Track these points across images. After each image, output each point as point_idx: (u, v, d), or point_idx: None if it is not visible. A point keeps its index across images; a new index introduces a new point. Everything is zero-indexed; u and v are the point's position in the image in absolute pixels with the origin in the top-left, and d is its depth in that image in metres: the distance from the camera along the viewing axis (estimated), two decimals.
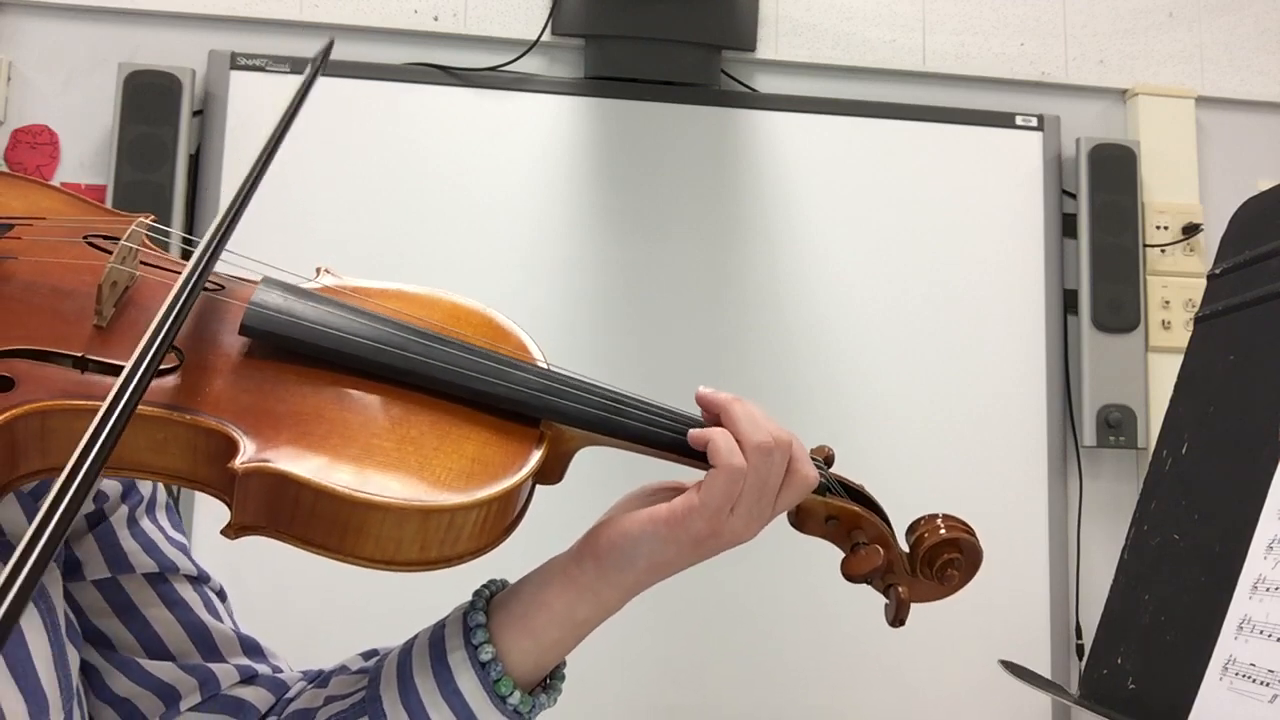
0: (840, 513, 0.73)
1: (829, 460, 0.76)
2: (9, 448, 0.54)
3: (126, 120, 1.96)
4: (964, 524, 0.75)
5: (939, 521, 0.74)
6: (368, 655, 0.75)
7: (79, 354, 0.58)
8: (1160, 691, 0.75)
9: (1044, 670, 2.10)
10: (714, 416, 0.69)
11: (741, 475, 0.65)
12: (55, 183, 2.02)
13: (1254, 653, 0.68)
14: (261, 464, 0.56)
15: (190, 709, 0.72)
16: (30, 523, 0.63)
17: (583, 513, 0.75)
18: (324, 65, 0.74)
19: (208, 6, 2.09)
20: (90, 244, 0.66)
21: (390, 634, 0.77)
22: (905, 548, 0.75)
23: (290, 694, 0.76)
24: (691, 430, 0.68)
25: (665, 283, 2.11)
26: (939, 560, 0.73)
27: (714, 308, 2.11)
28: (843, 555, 0.73)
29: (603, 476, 0.85)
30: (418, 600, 0.84)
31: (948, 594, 0.75)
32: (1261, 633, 0.69)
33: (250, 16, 2.09)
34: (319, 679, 0.76)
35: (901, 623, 0.72)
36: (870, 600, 0.76)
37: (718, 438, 0.66)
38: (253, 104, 2.03)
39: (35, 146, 2.03)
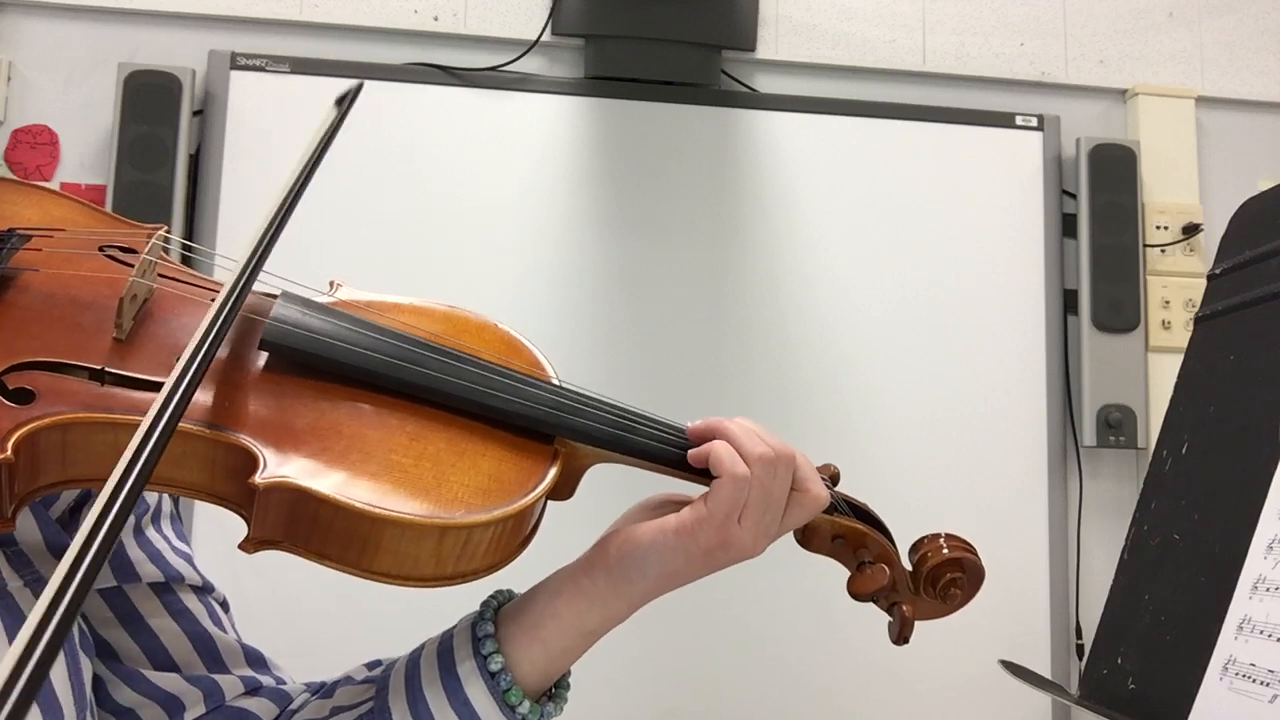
0: (847, 531, 0.73)
1: (835, 479, 0.76)
2: (30, 460, 0.54)
3: (126, 120, 1.96)
4: (966, 543, 0.75)
5: (942, 541, 0.75)
6: (372, 666, 0.75)
7: (99, 366, 0.58)
8: (1160, 691, 0.75)
9: (1044, 670, 2.10)
10: (712, 440, 0.69)
11: (746, 482, 0.65)
12: (55, 183, 2.02)
13: (1254, 653, 0.68)
14: (282, 480, 0.56)
15: None
16: (40, 532, 0.63)
17: (590, 524, 0.74)
18: (350, 108, 0.73)
19: (208, 6, 2.09)
20: (106, 255, 0.66)
21: (395, 643, 0.77)
22: (909, 566, 0.75)
23: (294, 705, 0.76)
24: (692, 449, 0.68)
25: (665, 282, 2.11)
26: (942, 579, 0.74)
27: (714, 307, 2.11)
28: (849, 574, 0.74)
29: (608, 491, 0.84)
30: (423, 610, 0.84)
31: (950, 612, 0.76)
32: (1261, 633, 0.69)
33: (250, 16, 2.09)
34: (323, 690, 0.76)
35: (905, 640, 0.73)
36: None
37: (719, 448, 0.66)
38: (253, 104, 2.03)
39: (35, 146, 2.03)
